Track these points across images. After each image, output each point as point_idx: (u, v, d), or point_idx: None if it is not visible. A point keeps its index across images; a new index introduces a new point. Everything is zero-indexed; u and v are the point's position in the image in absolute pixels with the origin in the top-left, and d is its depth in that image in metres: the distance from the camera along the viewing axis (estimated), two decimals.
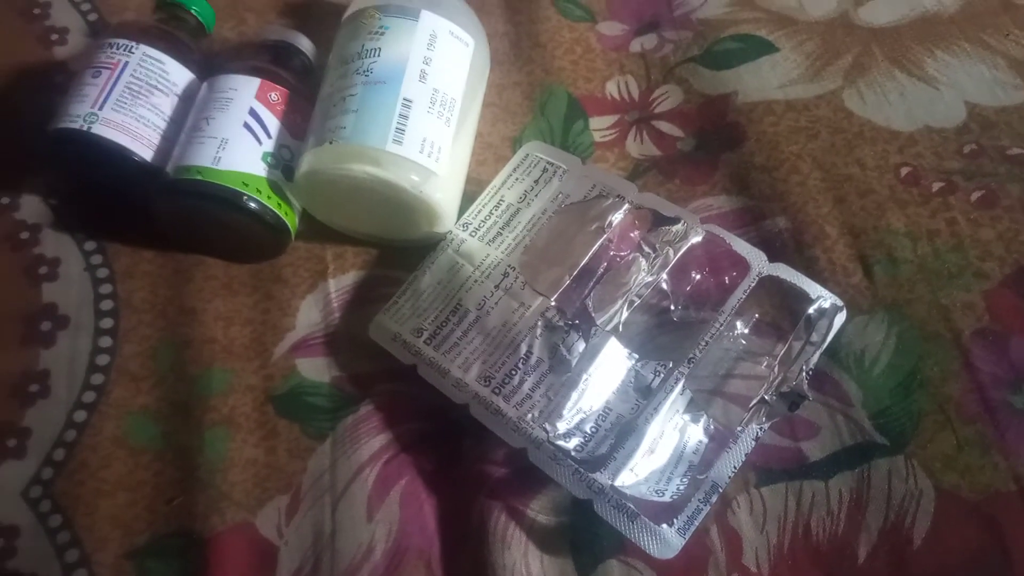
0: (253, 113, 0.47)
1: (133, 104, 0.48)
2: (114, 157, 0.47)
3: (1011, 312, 0.44)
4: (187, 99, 0.50)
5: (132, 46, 0.49)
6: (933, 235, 0.47)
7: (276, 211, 0.47)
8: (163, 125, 0.49)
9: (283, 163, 0.48)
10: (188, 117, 0.49)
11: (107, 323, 0.49)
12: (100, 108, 0.47)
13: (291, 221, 0.49)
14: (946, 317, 0.44)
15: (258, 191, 0.46)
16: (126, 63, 0.49)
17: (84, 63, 0.50)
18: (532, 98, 0.55)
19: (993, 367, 0.43)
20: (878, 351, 0.44)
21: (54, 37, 0.59)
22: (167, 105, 0.49)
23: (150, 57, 0.49)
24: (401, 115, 0.45)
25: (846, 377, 0.44)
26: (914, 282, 0.45)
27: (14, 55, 0.58)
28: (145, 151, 0.48)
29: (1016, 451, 0.41)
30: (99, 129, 0.47)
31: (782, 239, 0.48)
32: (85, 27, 0.60)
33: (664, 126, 0.54)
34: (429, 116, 0.46)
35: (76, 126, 0.47)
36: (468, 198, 0.50)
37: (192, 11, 0.54)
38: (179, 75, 0.50)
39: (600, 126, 0.54)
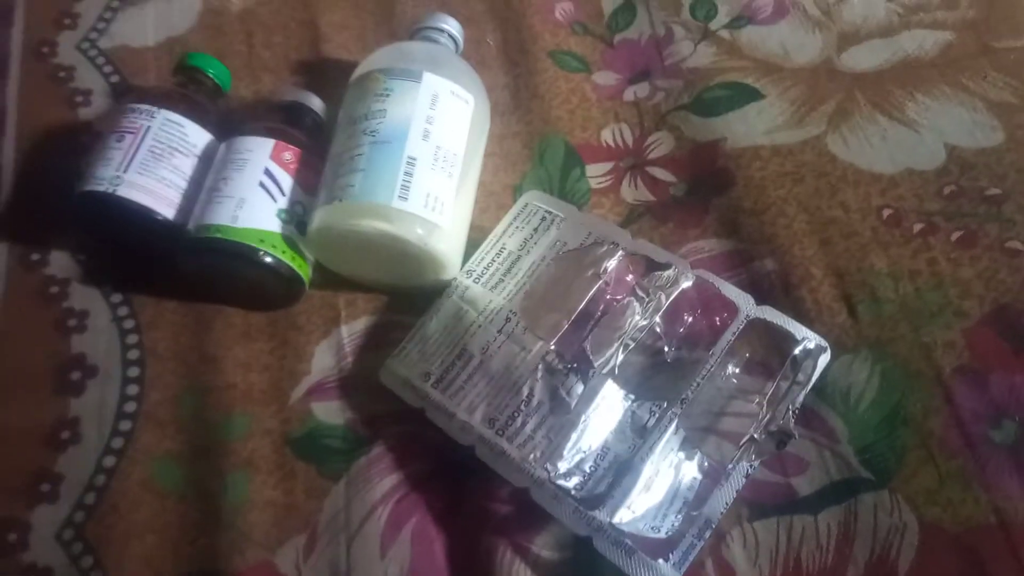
0: (268, 173, 0.50)
1: (156, 166, 0.51)
2: (139, 217, 0.50)
3: (990, 349, 0.46)
4: (206, 159, 0.53)
5: (153, 111, 0.52)
6: (915, 275, 0.49)
7: (291, 264, 0.50)
8: (184, 185, 0.52)
9: (297, 218, 0.50)
10: (207, 177, 0.51)
11: (134, 372, 0.52)
12: (125, 171, 0.50)
13: (305, 272, 0.51)
14: (928, 355, 0.46)
15: (273, 247, 0.49)
16: (148, 127, 0.52)
17: (109, 127, 0.53)
18: (531, 147, 0.58)
19: (973, 403, 0.45)
20: (863, 388, 0.46)
21: (79, 99, 0.62)
22: (187, 166, 0.52)
23: (171, 121, 0.52)
24: (406, 173, 0.47)
25: (832, 414, 0.46)
26: (896, 321, 0.47)
27: (42, 117, 0.61)
28: (168, 210, 0.51)
29: (996, 484, 0.43)
30: (124, 191, 0.50)
31: (770, 280, 0.50)
32: (108, 88, 0.63)
33: (657, 172, 0.56)
34: (432, 172, 0.48)
35: (103, 188, 0.50)
36: (472, 244, 0.53)
37: (209, 73, 0.57)
38: (198, 136, 0.53)
39: (596, 173, 0.57)
